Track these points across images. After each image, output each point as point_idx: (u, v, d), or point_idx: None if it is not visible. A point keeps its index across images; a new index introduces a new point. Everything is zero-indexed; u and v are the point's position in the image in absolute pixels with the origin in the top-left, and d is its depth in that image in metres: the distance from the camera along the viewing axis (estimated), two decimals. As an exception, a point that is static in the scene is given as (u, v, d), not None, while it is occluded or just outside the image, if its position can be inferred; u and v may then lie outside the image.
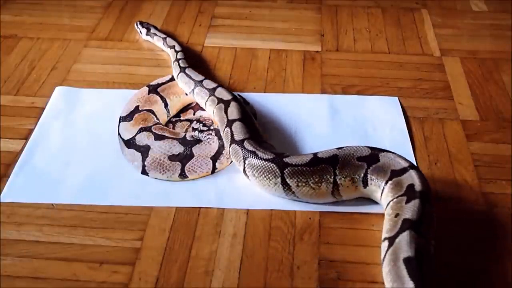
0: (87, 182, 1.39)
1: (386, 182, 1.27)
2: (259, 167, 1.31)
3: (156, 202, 1.34)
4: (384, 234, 1.18)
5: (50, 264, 1.21)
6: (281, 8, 2.12)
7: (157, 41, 1.86)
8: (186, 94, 1.62)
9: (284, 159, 1.30)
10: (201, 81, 1.59)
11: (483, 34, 1.97)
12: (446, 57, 1.84)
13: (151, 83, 1.65)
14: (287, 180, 1.29)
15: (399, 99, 1.66)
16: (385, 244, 1.15)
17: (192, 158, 1.40)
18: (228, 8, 2.11)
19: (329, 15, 2.07)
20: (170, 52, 1.79)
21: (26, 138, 1.52)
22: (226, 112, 1.47)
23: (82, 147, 1.49)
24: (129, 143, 1.45)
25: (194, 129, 1.54)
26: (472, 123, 1.58)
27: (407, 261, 1.07)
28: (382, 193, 1.27)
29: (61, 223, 1.29)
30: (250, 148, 1.34)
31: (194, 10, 2.09)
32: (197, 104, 1.64)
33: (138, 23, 1.93)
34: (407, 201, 1.19)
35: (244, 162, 1.34)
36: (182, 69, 1.65)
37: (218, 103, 1.51)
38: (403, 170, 1.26)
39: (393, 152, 1.30)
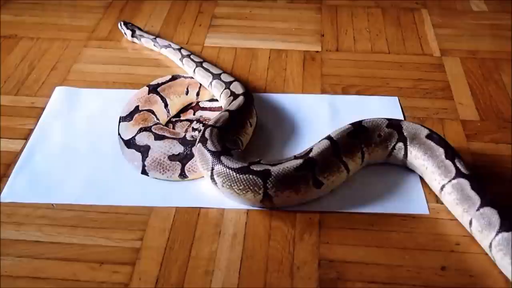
0: (87, 182, 1.39)
1: None
2: (202, 156, 1.34)
3: (156, 202, 1.34)
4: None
5: (50, 264, 1.21)
6: (281, 8, 2.12)
7: (146, 43, 1.86)
8: (186, 92, 1.62)
9: (222, 159, 1.30)
10: (219, 74, 1.63)
11: (483, 34, 1.97)
12: (446, 57, 1.84)
13: (151, 83, 1.65)
14: (215, 176, 1.30)
15: (399, 99, 1.66)
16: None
17: (192, 158, 1.40)
18: (228, 8, 2.11)
19: (329, 15, 2.07)
20: (168, 51, 1.80)
21: (26, 138, 1.52)
22: (230, 104, 1.51)
23: (82, 147, 1.49)
24: (129, 143, 1.45)
25: (194, 129, 1.54)
26: (472, 123, 1.58)
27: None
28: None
29: (61, 223, 1.29)
30: (207, 136, 1.36)
31: (194, 10, 2.09)
32: (197, 104, 1.64)
33: (122, 23, 1.92)
34: None
35: (196, 146, 1.38)
36: (199, 64, 1.68)
37: (229, 96, 1.55)
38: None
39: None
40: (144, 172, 1.41)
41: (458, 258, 1.22)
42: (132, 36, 1.88)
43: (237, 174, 1.27)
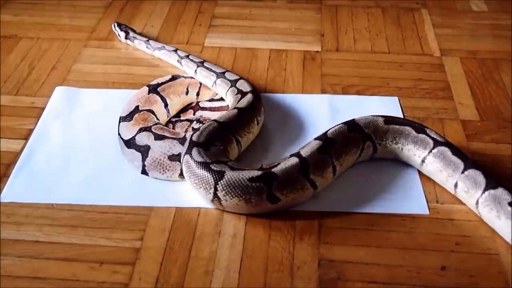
0: (87, 182, 1.39)
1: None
2: (185, 144, 1.37)
3: (156, 202, 1.34)
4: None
5: (50, 264, 1.20)
6: (281, 8, 2.12)
7: (139, 45, 1.85)
8: (186, 92, 1.62)
9: (193, 150, 1.32)
10: (223, 73, 1.63)
11: (483, 34, 1.97)
12: (446, 57, 1.84)
13: (151, 83, 1.65)
14: (182, 164, 1.33)
15: (399, 99, 1.66)
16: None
17: (192, 158, 1.40)
18: (228, 8, 2.11)
19: (329, 15, 2.07)
20: (162, 53, 1.79)
21: (26, 138, 1.52)
22: (239, 102, 1.51)
23: (82, 147, 1.49)
24: (129, 143, 1.45)
25: (194, 129, 1.54)
26: (472, 123, 1.58)
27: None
28: None
29: (61, 223, 1.29)
30: (201, 128, 1.38)
31: (194, 10, 2.09)
32: (197, 104, 1.64)
33: (116, 25, 1.91)
34: None
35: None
36: (200, 64, 1.68)
37: (236, 94, 1.55)
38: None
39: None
40: (144, 172, 1.41)
41: (458, 258, 1.22)
42: (126, 37, 1.87)
43: (196, 168, 1.28)
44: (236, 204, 1.27)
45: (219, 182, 1.25)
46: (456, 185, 1.31)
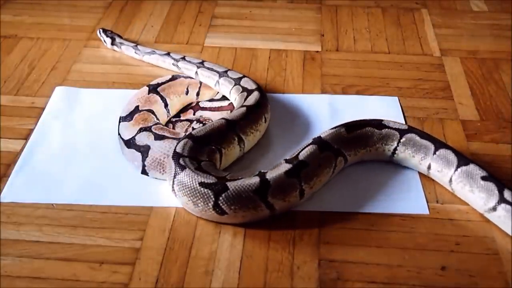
0: (87, 182, 1.39)
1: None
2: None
3: (156, 202, 1.34)
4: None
5: (50, 264, 1.20)
6: (281, 8, 2.12)
7: (126, 50, 1.82)
8: (186, 92, 1.63)
9: (185, 139, 1.33)
10: (225, 72, 1.63)
11: (483, 34, 1.97)
12: (446, 57, 1.85)
13: (151, 83, 1.65)
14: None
15: (399, 99, 1.66)
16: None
17: (192, 158, 1.40)
18: (228, 8, 2.11)
19: (329, 15, 2.07)
20: (153, 58, 1.77)
21: (26, 138, 1.52)
22: (246, 99, 1.51)
23: (82, 147, 1.49)
24: (129, 143, 1.45)
25: (194, 129, 1.54)
26: (472, 123, 1.58)
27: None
28: None
29: (61, 223, 1.29)
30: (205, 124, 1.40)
31: (194, 10, 2.10)
32: (197, 104, 1.64)
33: (101, 31, 1.87)
34: None
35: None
36: (200, 64, 1.67)
37: (241, 92, 1.55)
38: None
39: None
40: (144, 172, 1.41)
41: (458, 258, 1.22)
42: (112, 44, 1.84)
43: (171, 159, 1.31)
44: (186, 204, 1.28)
45: (174, 179, 1.27)
46: (429, 167, 1.37)
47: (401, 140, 1.39)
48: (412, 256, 1.22)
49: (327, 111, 1.61)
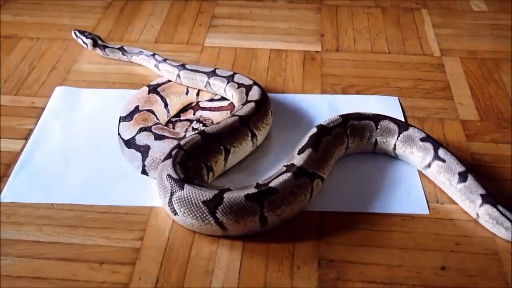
0: (87, 182, 1.39)
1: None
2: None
3: (156, 202, 1.34)
4: None
5: (50, 264, 1.20)
6: (281, 8, 2.12)
7: (111, 52, 1.78)
8: (186, 92, 1.63)
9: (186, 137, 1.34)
10: (213, 71, 1.62)
11: (483, 34, 1.97)
12: (446, 57, 1.85)
13: (151, 83, 1.65)
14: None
15: (399, 99, 1.66)
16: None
17: (192, 158, 1.40)
18: (228, 8, 2.11)
19: (329, 15, 2.07)
20: (140, 58, 1.75)
21: (26, 138, 1.52)
22: (247, 94, 1.51)
23: (82, 147, 1.49)
24: (129, 143, 1.45)
25: (194, 129, 1.54)
26: (472, 123, 1.58)
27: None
28: None
29: (61, 223, 1.29)
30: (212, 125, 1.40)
31: (194, 10, 2.10)
32: (197, 104, 1.64)
33: (77, 32, 1.82)
34: None
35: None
36: (180, 68, 1.64)
37: (238, 88, 1.55)
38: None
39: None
40: (144, 172, 1.41)
41: (458, 258, 1.22)
42: (94, 45, 1.79)
43: (165, 159, 1.31)
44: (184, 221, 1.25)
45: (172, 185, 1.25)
46: (375, 143, 1.44)
47: (347, 132, 1.42)
48: (412, 256, 1.22)
49: (327, 111, 1.61)
